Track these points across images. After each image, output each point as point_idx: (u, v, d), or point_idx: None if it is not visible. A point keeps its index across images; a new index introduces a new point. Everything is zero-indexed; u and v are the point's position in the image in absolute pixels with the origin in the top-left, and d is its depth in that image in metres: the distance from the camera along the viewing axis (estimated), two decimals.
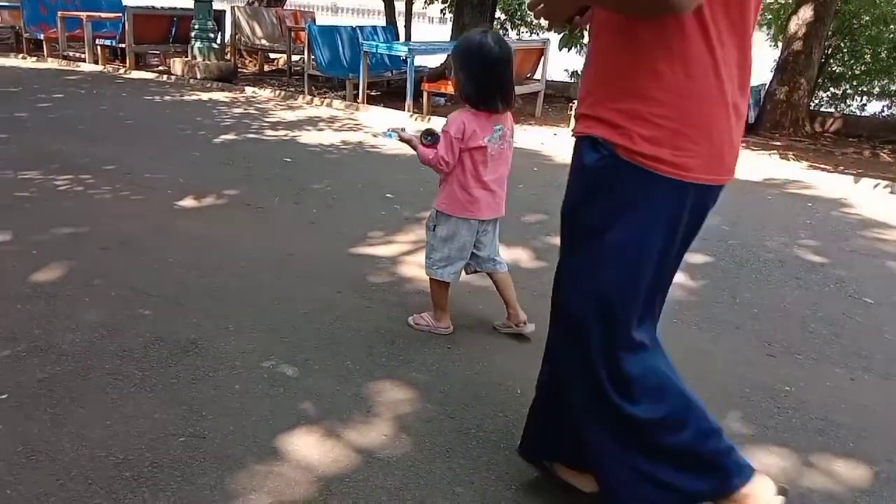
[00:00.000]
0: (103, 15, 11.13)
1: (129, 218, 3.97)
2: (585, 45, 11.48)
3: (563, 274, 1.71)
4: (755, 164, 6.64)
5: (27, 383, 2.32)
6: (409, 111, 8.02)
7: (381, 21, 12.45)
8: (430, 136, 2.64)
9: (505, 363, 2.65)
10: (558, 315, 1.74)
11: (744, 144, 7.78)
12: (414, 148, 2.69)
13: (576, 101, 7.60)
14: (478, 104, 2.57)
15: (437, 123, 7.64)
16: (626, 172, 1.47)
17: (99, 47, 10.61)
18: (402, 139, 2.74)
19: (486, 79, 2.51)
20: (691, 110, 1.41)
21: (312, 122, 7.41)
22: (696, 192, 1.49)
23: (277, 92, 9.08)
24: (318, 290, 3.18)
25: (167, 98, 8.32)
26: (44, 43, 11.13)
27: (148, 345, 2.62)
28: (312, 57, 8.92)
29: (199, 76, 9.61)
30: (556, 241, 3.99)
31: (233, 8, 11.32)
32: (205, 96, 8.61)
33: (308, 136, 6.64)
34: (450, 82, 8.67)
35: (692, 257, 3.89)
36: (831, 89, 10.04)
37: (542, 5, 1.56)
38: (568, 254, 1.69)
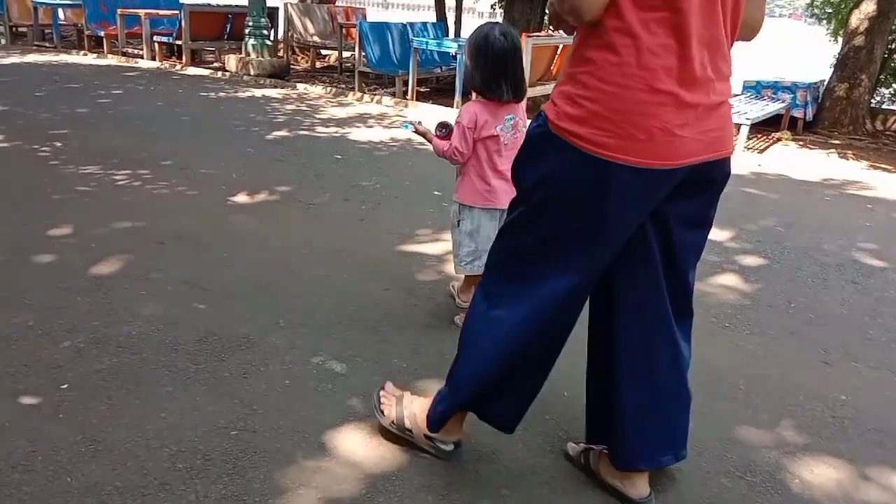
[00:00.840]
0: (161, 12, 11.40)
1: (184, 213, 4.07)
2: None
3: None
4: (812, 164, 6.47)
5: (87, 374, 2.40)
6: (457, 107, 8.03)
7: (431, 16, 12.46)
8: (444, 129, 2.73)
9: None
10: None
11: (801, 143, 7.60)
12: (429, 140, 2.77)
13: None
14: (486, 94, 2.62)
15: None
16: (553, 142, 1.63)
17: (156, 44, 10.87)
18: (417, 131, 2.82)
19: (492, 69, 2.56)
20: (613, 95, 1.53)
21: (362, 118, 7.48)
22: (624, 172, 1.56)
23: (328, 88, 9.18)
24: (366, 287, 3.21)
25: (221, 94, 8.49)
26: (104, 40, 11.46)
27: (202, 338, 2.68)
28: (363, 53, 8.99)
29: (252, 73, 9.78)
30: None
31: (286, 5, 11.47)
32: (258, 93, 8.76)
33: (358, 133, 6.71)
34: None
35: (745, 259, 3.82)
36: (894, 86, 9.70)
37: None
38: (510, 212, 1.84)
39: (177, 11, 10.68)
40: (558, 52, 8.41)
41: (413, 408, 2.10)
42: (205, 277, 3.21)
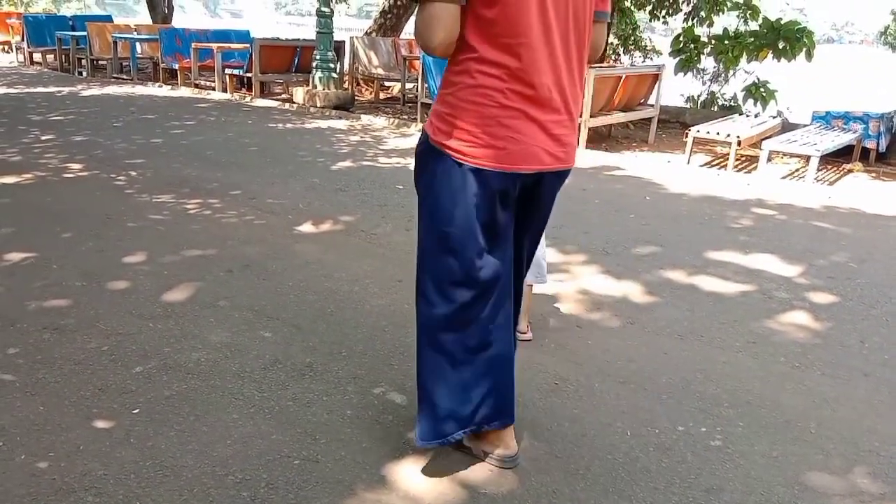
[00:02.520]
0: (233, 46, 11.83)
1: (252, 242, 4.19)
2: (703, 68, 11.13)
3: None
4: (886, 196, 6.25)
5: (157, 399, 2.48)
6: None
7: None
8: None
9: (614, 402, 2.60)
10: None
11: (873, 175, 7.35)
12: None
13: (691, 128, 7.40)
14: None
15: None
16: (433, 154, 1.94)
17: (227, 76, 11.27)
18: None
19: None
20: (470, 112, 1.85)
21: None
22: (484, 176, 1.88)
23: (391, 120, 9.34)
24: None
25: (289, 125, 8.73)
26: (178, 72, 11.95)
27: (267, 366, 2.74)
28: (426, 85, 9.13)
29: (318, 104, 10.03)
30: (671, 274, 3.92)
31: (352, 38, 11.76)
32: (324, 124, 8.97)
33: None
34: None
35: (816, 296, 3.71)
36: None
37: None
38: (418, 220, 2.07)
39: (248, 45, 11.06)
40: (621, 82, 8.38)
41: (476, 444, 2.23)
42: (270, 305, 3.29)
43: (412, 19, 10.99)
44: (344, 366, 2.77)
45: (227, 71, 11.31)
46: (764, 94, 10.02)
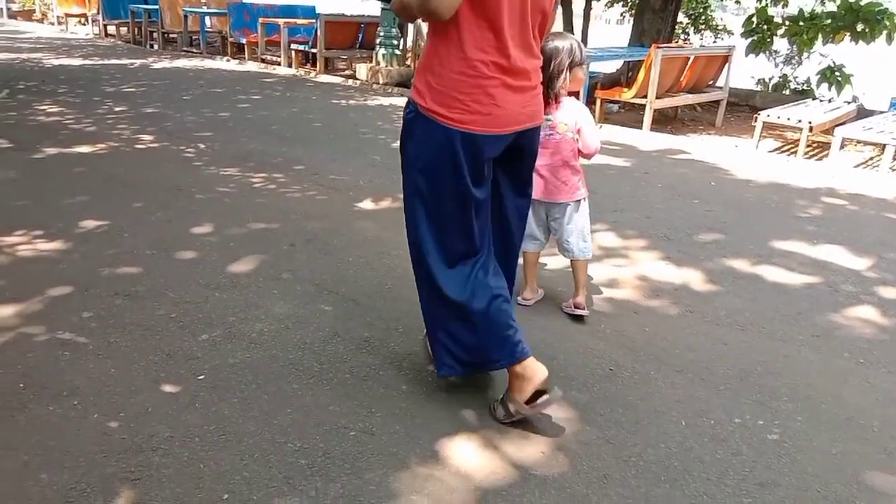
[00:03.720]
0: (299, 21, 11.96)
1: (314, 217, 4.27)
2: (775, 50, 10.80)
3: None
4: None
5: (221, 367, 2.58)
6: None
7: (558, 25, 12.42)
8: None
9: (669, 390, 2.59)
10: None
11: None
12: None
13: (761, 112, 7.19)
14: None
15: (610, 131, 7.53)
16: (420, 121, 2.13)
17: (293, 51, 11.41)
18: None
19: None
20: (456, 81, 2.06)
21: None
22: (478, 140, 2.10)
23: None
24: None
25: (352, 102, 8.82)
26: (245, 47, 12.15)
27: (327, 339, 2.81)
28: None
29: (381, 81, 10.09)
30: (734, 263, 3.86)
31: None
32: (385, 101, 9.02)
33: None
34: (624, 88, 8.54)
35: (885, 291, 3.59)
36: None
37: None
38: (404, 181, 2.27)
39: (313, 21, 11.17)
40: (689, 63, 8.17)
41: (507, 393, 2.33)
42: (331, 280, 3.36)
43: None
44: (400, 342, 2.82)
45: (293, 46, 11.45)
46: (839, 79, 9.65)
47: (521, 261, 3.21)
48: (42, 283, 3.18)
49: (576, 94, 3.15)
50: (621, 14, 14.09)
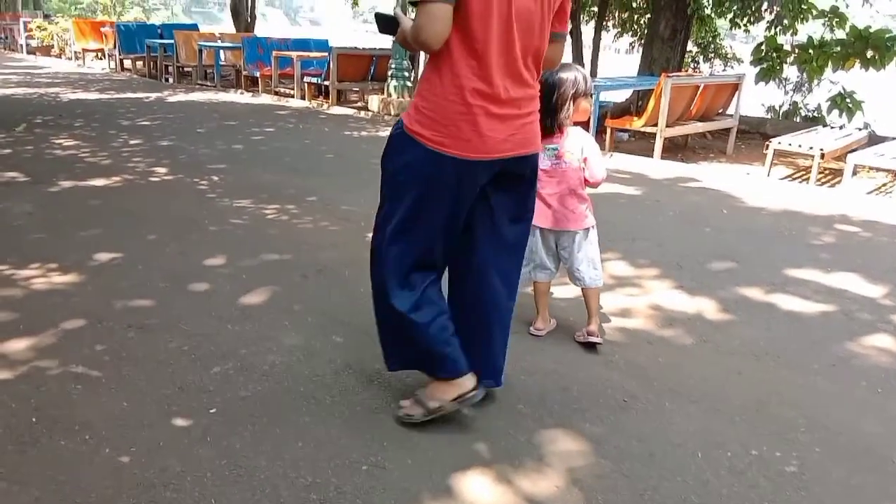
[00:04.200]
0: (312, 54, 12.13)
1: (326, 247, 4.29)
2: (785, 78, 10.81)
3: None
4: None
5: (233, 400, 2.57)
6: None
7: (567, 55, 12.54)
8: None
9: (685, 422, 2.56)
10: None
11: None
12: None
13: (772, 139, 7.19)
14: None
15: (620, 160, 7.55)
16: (407, 141, 2.22)
17: (306, 84, 11.55)
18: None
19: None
20: (442, 107, 2.16)
21: None
22: (455, 163, 2.18)
23: None
24: None
25: (364, 133, 8.89)
26: (259, 80, 12.31)
27: (338, 371, 2.80)
28: None
29: (393, 112, 10.18)
30: (747, 291, 3.83)
31: None
32: None
33: None
34: (634, 117, 8.56)
35: None
36: None
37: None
38: (381, 189, 2.40)
39: (326, 54, 11.32)
40: (699, 91, 8.20)
41: (427, 391, 2.46)
42: (343, 311, 3.36)
43: None
44: (412, 374, 2.79)
45: (306, 79, 11.59)
46: (850, 105, 9.64)
47: (530, 289, 3.23)
48: (56, 316, 3.20)
49: (584, 125, 3.17)
50: (630, 44, 14.19)
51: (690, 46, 12.28)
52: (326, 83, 11.19)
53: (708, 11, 11.40)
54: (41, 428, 2.36)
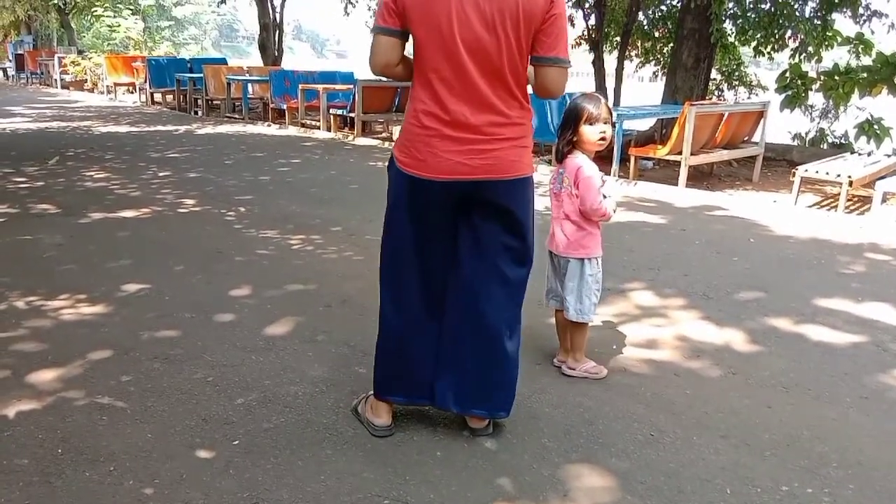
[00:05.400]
0: (337, 87, 12.30)
1: (350, 277, 4.30)
2: (811, 105, 10.75)
3: None
4: None
5: (255, 431, 2.57)
6: (615, 175, 7.97)
7: (591, 80, 12.57)
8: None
9: (713, 456, 2.50)
10: None
11: None
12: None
13: (799, 167, 7.13)
14: None
15: (645, 188, 7.51)
16: (390, 164, 2.42)
17: (332, 116, 11.70)
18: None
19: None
20: (408, 131, 2.34)
21: None
22: (419, 183, 2.32)
23: None
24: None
25: None
26: (286, 112, 12.50)
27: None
28: None
29: None
30: (776, 322, 3.77)
31: None
32: None
33: None
34: (658, 146, 8.55)
35: None
36: None
37: None
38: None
39: (351, 86, 11.47)
40: (723, 120, 8.17)
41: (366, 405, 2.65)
42: (366, 342, 3.34)
43: None
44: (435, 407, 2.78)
45: (332, 111, 11.74)
46: (878, 132, 9.54)
47: (552, 320, 3.20)
48: (83, 346, 3.23)
49: (601, 153, 3.17)
50: (654, 73, 14.21)
51: (714, 74, 12.26)
52: (352, 115, 11.33)
53: (731, 39, 11.40)
54: (67, 459, 2.37)
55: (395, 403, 2.59)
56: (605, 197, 2.95)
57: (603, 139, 2.88)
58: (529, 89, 2.38)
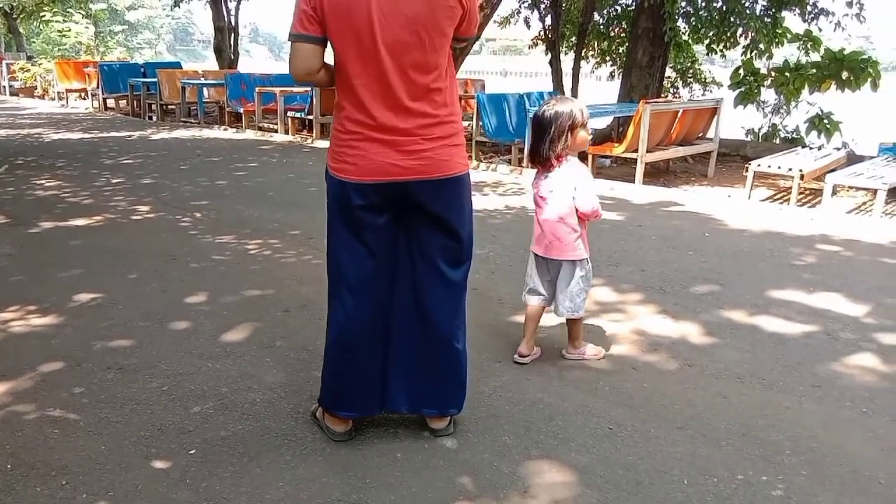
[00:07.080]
0: (294, 89, 12.17)
1: (309, 282, 4.26)
2: (763, 101, 11.00)
3: None
4: None
5: (213, 440, 2.53)
6: None
7: (548, 80, 12.67)
8: None
9: (670, 448, 2.54)
10: None
11: None
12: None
13: (752, 162, 7.27)
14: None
15: (601, 186, 7.59)
16: (328, 175, 2.40)
17: (289, 119, 11.59)
18: None
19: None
20: (336, 137, 2.35)
21: (478, 187, 7.61)
22: (353, 187, 2.30)
23: None
24: (477, 359, 3.21)
25: None
26: (242, 115, 12.35)
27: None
28: (480, 123, 9.22)
29: None
30: (731, 314, 3.83)
31: None
32: None
33: (474, 201, 6.81)
34: (615, 143, 8.67)
35: (885, 337, 3.56)
36: None
37: None
38: None
39: (309, 89, 11.37)
40: (678, 117, 8.30)
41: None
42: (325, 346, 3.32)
43: (466, 60, 11.16)
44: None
45: (289, 114, 11.64)
46: (828, 126, 9.79)
47: (521, 318, 3.22)
48: (34, 359, 3.15)
49: (585, 153, 3.28)
50: (610, 73, 14.37)
51: (669, 72, 12.45)
52: (310, 117, 11.24)
53: (685, 38, 11.60)
54: (17, 474, 2.31)
55: (345, 418, 2.55)
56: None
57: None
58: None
